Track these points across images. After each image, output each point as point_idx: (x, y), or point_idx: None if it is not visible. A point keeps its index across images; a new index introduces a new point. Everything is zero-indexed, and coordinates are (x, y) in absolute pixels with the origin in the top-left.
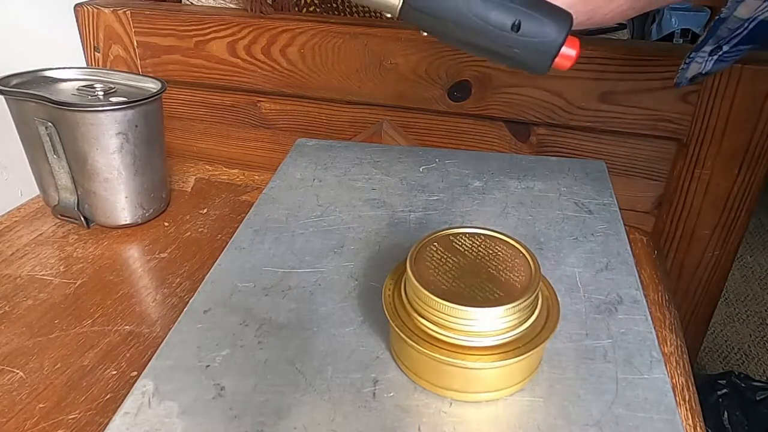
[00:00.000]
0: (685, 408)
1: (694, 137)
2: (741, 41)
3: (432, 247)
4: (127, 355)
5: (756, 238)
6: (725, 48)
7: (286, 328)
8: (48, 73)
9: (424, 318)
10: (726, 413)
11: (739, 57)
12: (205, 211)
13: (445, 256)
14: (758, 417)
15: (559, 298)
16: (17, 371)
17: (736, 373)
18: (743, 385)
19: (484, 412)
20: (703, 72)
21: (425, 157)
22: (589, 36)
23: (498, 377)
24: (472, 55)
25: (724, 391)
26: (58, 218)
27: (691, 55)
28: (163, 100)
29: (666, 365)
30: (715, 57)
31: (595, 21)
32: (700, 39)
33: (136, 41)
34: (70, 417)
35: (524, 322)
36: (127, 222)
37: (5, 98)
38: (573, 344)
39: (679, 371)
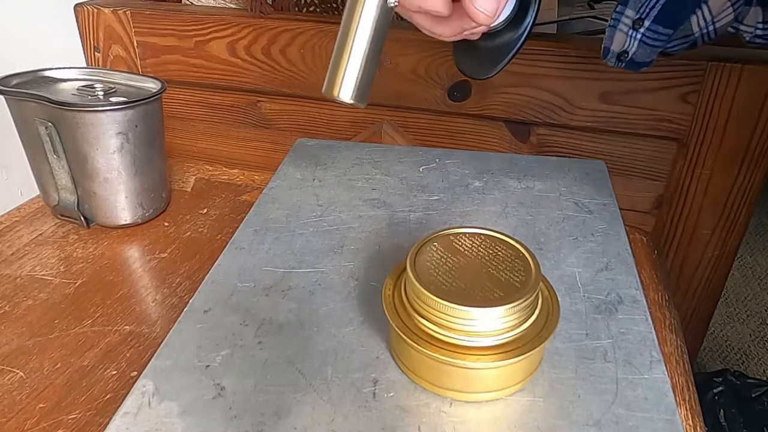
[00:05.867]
0: (685, 408)
1: (694, 137)
2: (661, 18)
3: (432, 247)
4: (127, 355)
5: (756, 238)
6: (646, 24)
7: (286, 328)
8: (48, 73)
9: (424, 318)
10: (722, 411)
11: (663, 48)
12: (205, 211)
13: (445, 256)
14: (754, 414)
15: (559, 298)
16: (17, 371)
17: (732, 370)
18: (738, 382)
19: (484, 412)
20: (629, 52)
21: (425, 157)
22: (589, 36)
23: (498, 377)
24: None
25: (720, 388)
26: (58, 218)
27: (615, 15)
28: (163, 100)
29: (666, 365)
30: (639, 35)
31: None
32: None
33: (136, 41)
34: (70, 417)
35: (524, 322)
36: (127, 222)
37: (5, 98)
38: (573, 344)
39: (679, 371)
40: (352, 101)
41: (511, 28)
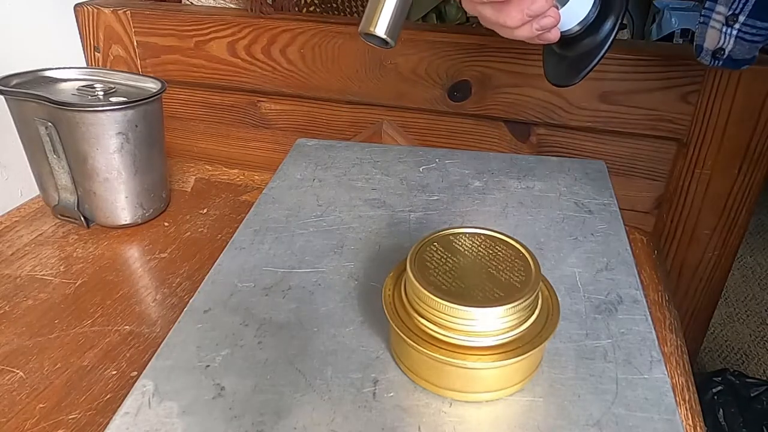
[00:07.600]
0: (685, 408)
1: (694, 137)
2: (757, 12)
3: (432, 247)
4: (127, 355)
5: (756, 238)
6: (741, 19)
7: (286, 328)
8: (48, 73)
9: (424, 318)
10: (722, 410)
11: (765, 43)
12: (205, 211)
13: (445, 256)
14: (753, 413)
15: (559, 298)
16: (17, 371)
17: (731, 370)
18: (738, 382)
19: (484, 412)
20: (726, 49)
21: (425, 157)
22: None
23: (498, 377)
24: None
25: (720, 388)
26: (58, 218)
27: (705, 12)
28: (163, 100)
29: (666, 365)
30: (735, 31)
31: None
32: None
33: (136, 41)
34: (70, 417)
35: (524, 322)
36: (127, 222)
37: (5, 98)
38: (573, 344)
39: (679, 371)
40: (385, 36)
41: (589, 34)
